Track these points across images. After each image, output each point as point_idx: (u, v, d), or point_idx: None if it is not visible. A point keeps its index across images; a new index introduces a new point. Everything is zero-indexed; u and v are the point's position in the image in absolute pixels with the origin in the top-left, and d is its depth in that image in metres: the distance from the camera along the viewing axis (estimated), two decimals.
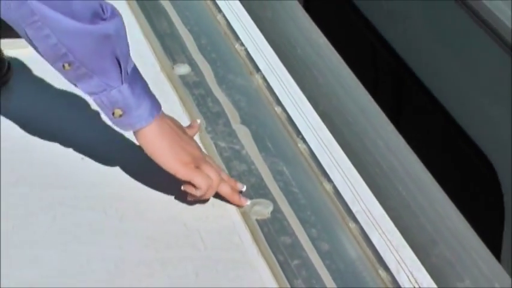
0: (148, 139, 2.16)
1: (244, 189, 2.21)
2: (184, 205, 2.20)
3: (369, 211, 2.14)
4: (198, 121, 2.40)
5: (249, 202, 2.18)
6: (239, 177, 2.24)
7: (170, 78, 2.57)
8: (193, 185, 2.13)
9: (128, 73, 2.13)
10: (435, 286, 1.96)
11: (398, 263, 2.01)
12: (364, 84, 2.52)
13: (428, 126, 2.79)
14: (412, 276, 1.98)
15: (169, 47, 2.64)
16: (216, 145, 2.33)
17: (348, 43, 2.73)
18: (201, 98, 2.46)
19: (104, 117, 2.26)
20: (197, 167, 2.15)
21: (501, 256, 2.11)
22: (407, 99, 2.98)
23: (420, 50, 3.14)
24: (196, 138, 2.34)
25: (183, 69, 2.56)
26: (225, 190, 2.18)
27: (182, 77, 2.54)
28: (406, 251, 2.04)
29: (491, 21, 2.68)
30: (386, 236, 2.08)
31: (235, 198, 2.18)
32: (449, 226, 2.13)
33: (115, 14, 2.11)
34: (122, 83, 2.11)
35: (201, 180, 2.14)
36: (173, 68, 2.57)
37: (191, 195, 2.15)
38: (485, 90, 2.83)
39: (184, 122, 2.39)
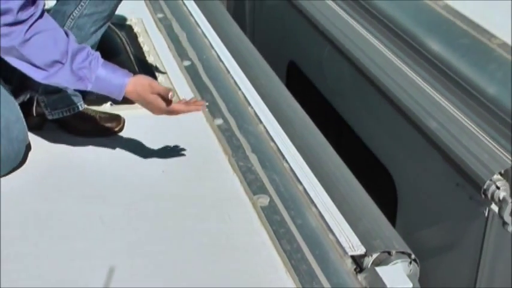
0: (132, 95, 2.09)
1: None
2: (219, 200, 2.20)
3: (323, 202, 2.15)
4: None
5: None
6: (251, 183, 2.23)
7: (211, 126, 2.55)
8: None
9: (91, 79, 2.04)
10: (359, 243, 1.97)
11: (340, 230, 2.03)
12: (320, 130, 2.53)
13: (353, 152, 2.78)
14: (348, 238, 2.00)
15: (212, 108, 2.63)
16: (238, 165, 2.31)
17: (311, 106, 2.73)
18: (229, 137, 2.45)
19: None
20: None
21: (396, 226, 2.11)
22: (344, 137, 2.98)
23: (350, 108, 3.14)
24: (226, 160, 2.36)
25: (219, 121, 2.55)
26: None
27: (218, 126, 2.52)
28: (344, 223, 2.06)
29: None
30: (333, 215, 2.10)
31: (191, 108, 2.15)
32: (368, 210, 2.14)
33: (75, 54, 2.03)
34: (87, 86, 2.05)
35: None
36: (213, 120, 2.55)
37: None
38: (387, 131, 2.83)
39: (220, 153, 2.42)
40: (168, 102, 2.11)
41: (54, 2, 2.38)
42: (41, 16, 1.98)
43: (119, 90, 2.07)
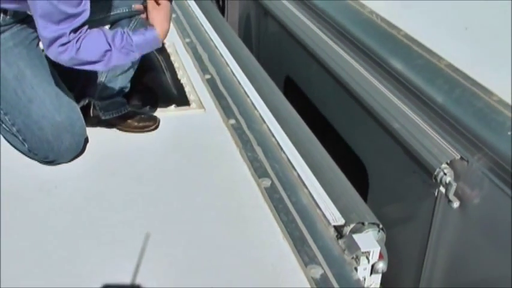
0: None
1: None
2: (232, 182, 2.17)
3: (312, 184, 2.12)
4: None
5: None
6: (257, 169, 2.20)
7: (226, 125, 2.52)
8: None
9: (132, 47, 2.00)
10: (340, 215, 1.95)
11: (325, 206, 2.01)
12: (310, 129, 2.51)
13: (335, 146, 2.75)
14: (331, 211, 1.98)
15: (227, 111, 2.60)
16: (246, 155, 2.28)
17: (303, 111, 2.70)
18: (240, 134, 2.42)
19: None
20: None
21: (367, 203, 2.09)
22: (328, 134, 2.96)
23: (333, 112, 3.12)
24: (237, 151, 2.33)
25: (232, 121, 2.51)
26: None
27: (232, 125, 2.49)
28: (328, 201, 2.03)
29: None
30: (319, 194, 2.06)
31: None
32: (346, 190, 2.11)
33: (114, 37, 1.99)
34: (134, 52, 2.01)
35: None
36: (228, 120, 2.52)
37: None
38: (361, 130, 2.81)
39: (233, 146, 2.38)
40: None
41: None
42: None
43: (157, 41, 2.05)
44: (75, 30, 1.90)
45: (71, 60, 1.95)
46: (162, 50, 3.19)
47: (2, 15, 2.04)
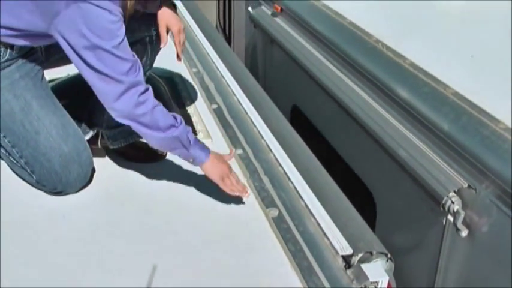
0: (205, 169, 2.08)
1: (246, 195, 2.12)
2: (240, 211, 2.17)
3: (320, 213, 2.11)
4: (233, 150, 2.27)
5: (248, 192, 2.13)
6: (264, 199, 2.20)
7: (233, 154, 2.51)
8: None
9: (190, 144, 2.02)
10: (348, 245, 1.94)
11: (332, 235, 2.00)
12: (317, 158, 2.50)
13: (342, 174, 2.75)
14: (339, 241, 1.97)
15: (233, 141, 2.60)
16: (254, 184, 2.28)
17: (309, 139, 2.70)
18: (247, 163, 2.42)
19: None
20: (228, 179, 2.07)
21: (375, 232, 2.08)
22: (335, 163, 2.96)
23: (340, 140, 3.12)
24: (245, 181, 2.32)
25: (239, 151, 2.51)
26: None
27: (239, 154, 2.49)
28: (335, 230, 2.02)
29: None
30: (327, 223, 2.06)
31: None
32: (354, 219, 2.09)
33: (182, 121, 2.02)
34: (188, 150, 2.02)
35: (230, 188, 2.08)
36: (235, 150, 2.51)
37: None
38: (368, 159, 2.81)
39: (240, 176, 2.37)
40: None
41: None
42: None
43: (200, 162, 2.07)
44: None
45: (143, 116, 1.93)
46: (169, 79, 3.22)
47: (8, 50, 2.07)
